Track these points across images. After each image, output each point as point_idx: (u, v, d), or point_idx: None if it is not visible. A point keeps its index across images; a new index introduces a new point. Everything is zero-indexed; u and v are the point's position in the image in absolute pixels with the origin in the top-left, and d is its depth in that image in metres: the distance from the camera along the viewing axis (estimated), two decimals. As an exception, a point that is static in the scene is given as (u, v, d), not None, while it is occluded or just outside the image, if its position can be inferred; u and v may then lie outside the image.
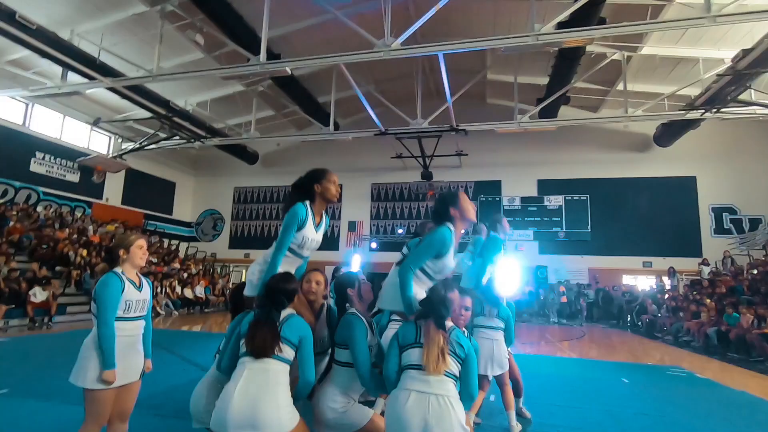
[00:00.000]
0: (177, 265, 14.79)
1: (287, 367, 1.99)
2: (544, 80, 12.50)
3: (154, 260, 13.83)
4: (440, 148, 14.55)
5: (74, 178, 14.49)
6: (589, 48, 11.56)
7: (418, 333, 1.87)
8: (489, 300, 3.43)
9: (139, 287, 2.43)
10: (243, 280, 2.83)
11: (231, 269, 18.37)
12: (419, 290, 2.22)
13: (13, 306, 8.54)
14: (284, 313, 2.08)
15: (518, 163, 16.06)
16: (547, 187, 15.99)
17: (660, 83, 12.60)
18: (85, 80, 10.76)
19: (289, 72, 9.54)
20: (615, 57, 11.73)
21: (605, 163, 15.51)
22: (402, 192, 17.34)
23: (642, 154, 15.32)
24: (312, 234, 2.43)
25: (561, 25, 8.71)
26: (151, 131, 14.09)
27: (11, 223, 11.10)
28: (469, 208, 2.37)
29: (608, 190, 15.42)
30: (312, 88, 14.11)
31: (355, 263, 14.01)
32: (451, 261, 2.31)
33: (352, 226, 17.57)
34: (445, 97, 11.86)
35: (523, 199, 16.04)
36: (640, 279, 14.59)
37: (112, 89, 11.20)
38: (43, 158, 13.55)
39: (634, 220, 15.05)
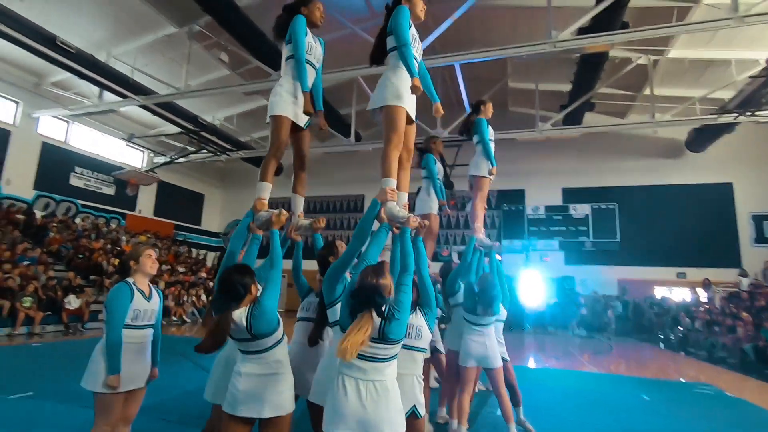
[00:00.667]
0: (204, 275, 15.26)
1: (285, 344, 2.11)
2: (567, 87, 12.27)
3: (182, 269, 14.32)
4: (461, 158, 14.45)
5: (110, 191, 15.27)
6: (612, 53, 11.30)
7: (352, 319, 1.83)
8: (484, 300, 3.35)
9: (149, 297, 2.55)
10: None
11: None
12: (405, 75, 2.45)
13: (50, 313, 9.06)
14: (244, 308, 2.01)
15: (542, 171, 15.74)
16: (572, 195, 15.58)
17: (690, 87, 12.13)
18: (120, 99, 11.40)
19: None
20: (641, 61, 11.40)
21: (634, 171, 14.98)
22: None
23: (673, 160, 14.72)
24: (312, 41, 2.80)
25: (582, 31, 8.61)
26: (181, 145, 14.71)
27: (51, 234, 11.79)
28: (419, 4, 2.67)
29: (638, 198, 14.86)
30: (334, 101, 14.36)
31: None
32: (416, 34, 2.64)
33: (375, 235, 17.64)
34: (465, 106, 11.89)
35: (548, 208, 15.67)
36: (675, 291, 13.93)
37: (144, 106, 11.82)
38: (82, 173, 14.36)
39: (666, 229, 14.41)
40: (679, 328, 11.06)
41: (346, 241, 2.52)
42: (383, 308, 1.82)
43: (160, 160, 15.45)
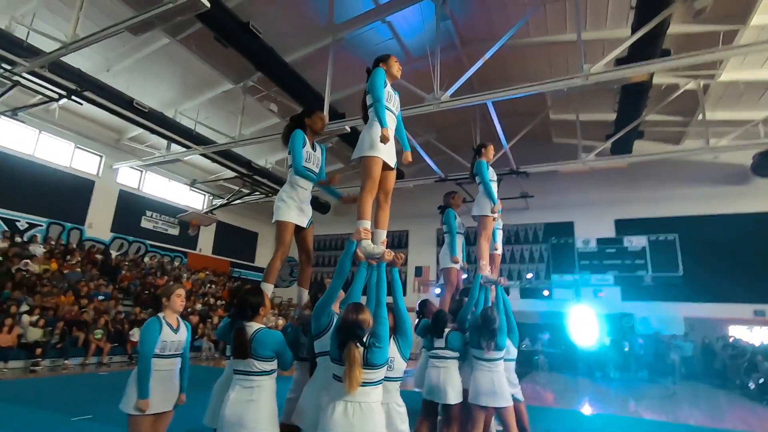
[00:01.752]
0: (256, 310, 15.93)
1: (273, 378, 2.35)
2: (612, 116, 12.01)
3: (235, 305, 15.12)
4: (504, 191, 14.26)
5: (174, 231, 16.70)
6: (658, 80, 11.01)
7: (341, 352, 2.05)
8: (486, 333, 3.37)
9: (176, 330, 2.89)
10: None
11: (305, 314, 19.22)
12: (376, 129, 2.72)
13: (117, 344, 9.92)
14: (253, 326, 2.37)
15: (592, 202, 15.16)
16: (626, 227, 14.76)
17: (750, 109, 11.42)
18: (184, 149, 12.71)
19: (348, 129, 10.43)
20: (689, 86, 10.98)
21: (694, 199, 14.01)
22: (468, 236, 17.09)
23: (739, 186, 13.61)
24: (310, 150, 3.15)
25: (620, 62, 8.56)
26: (237, 188, 15.92)
27: (123, 272, 13.03)
28: (394, 66, 2.97)
29: (701, 228, 13.76)
30: (376, 141, 15.00)
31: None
32: (391, 91, 2.90)
33: (419, 271, 17.65)
34: (507, 140, 12.00)
35: (600, 241, 14.92)
36: (755, 330, 12.51)
37: (205, 155, 13.05)
38: (152, 216, 15.91)
39: (738, 262, 13.13)
40: (758, 373, 9.86)
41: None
42: (364, 339, 2.05)
43: (219, 202, 16.76)
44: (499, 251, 4.97)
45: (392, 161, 2.82)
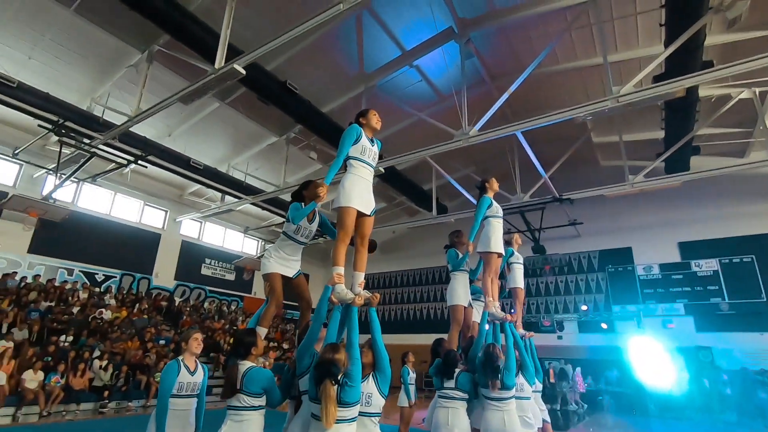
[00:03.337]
0: (307, 351, 16.17)
1: (261, 413, 2.49)
2: (661, 134, 11.44)
3: (286, 346, 15.44)
4: (550, 220, 13.84)
5: (231, 277, 17.68)
6: (706, 92, 10.45)
7: (317, 389, 2.15)
8: (488, 371, 3.27)
9: (193, 372, 3.13)
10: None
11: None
12: (355, 179, 2.92)
13: (175, 387, 10.48)
14: (245, 364, 2.51)
15: (650, 225, 14.16)
16: (692, 249, 13.51)
17: (820, 114, 10.38)
18: (236, 200, 13.71)
19: (382, 170, 10.76)
20: (744, 96, 10.27)
21: (768, 216, 12.67)
22: (527, 269, 16.44)
23: (821, 198, 12.17)
24: (305, 224, 3.41)
25: (658, 78, 8.32)
26: (286, 233, 16.72)
27: (184, 317, 13.92)
28: (373, 119, 3.22)
29: (783, 248, 12.33)
30: (416, 179, 15.25)
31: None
32: (367, 144, 3.08)
33: (468, 306, 17.13)
34: (549, 167, 11.79)
35: (663, 267, 13.73)
36: None
37: (255, 203, 13.97)
38: (210, 263, 17.02)
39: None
40: None
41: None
42: (338, 377, 2.15)
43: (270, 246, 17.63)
44: (521, 285, 4.86)
45: (368, 209, 2.96)
